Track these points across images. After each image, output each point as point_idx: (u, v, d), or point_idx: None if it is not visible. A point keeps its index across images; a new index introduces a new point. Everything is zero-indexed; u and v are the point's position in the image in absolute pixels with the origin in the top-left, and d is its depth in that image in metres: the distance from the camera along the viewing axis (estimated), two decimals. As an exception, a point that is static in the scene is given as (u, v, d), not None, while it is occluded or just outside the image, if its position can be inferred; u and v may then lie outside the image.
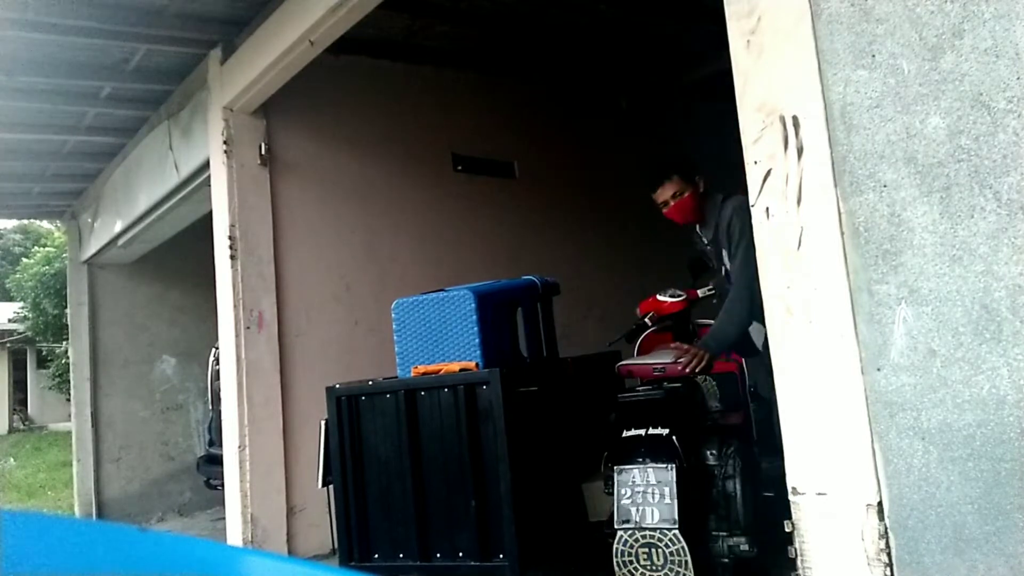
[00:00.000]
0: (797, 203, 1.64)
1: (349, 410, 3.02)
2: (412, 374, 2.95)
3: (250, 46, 4.11)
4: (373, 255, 4.76)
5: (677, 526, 2.42)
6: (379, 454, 2.93)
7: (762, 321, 2.77)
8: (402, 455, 2.84)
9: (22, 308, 15.48)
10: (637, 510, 2.53)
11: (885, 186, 1.48)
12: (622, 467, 2.60)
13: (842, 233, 1.55)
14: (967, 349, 1.37)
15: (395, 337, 3.04)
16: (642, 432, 2.69)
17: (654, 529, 2.46)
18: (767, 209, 1.70)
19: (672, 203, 3.03)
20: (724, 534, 2.63)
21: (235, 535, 4.16)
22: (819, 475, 1.60)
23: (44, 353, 16.64)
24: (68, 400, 9.06)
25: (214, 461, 5.07)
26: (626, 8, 4.84)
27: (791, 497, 1.65)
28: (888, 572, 1.47)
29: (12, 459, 12.78)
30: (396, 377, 3.05)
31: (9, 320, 17.66)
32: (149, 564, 0.78)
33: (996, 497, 1.33)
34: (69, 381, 7.63)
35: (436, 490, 2.79)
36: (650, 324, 3.29)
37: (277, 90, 4.21)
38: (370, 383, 3.10)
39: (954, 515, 1.39)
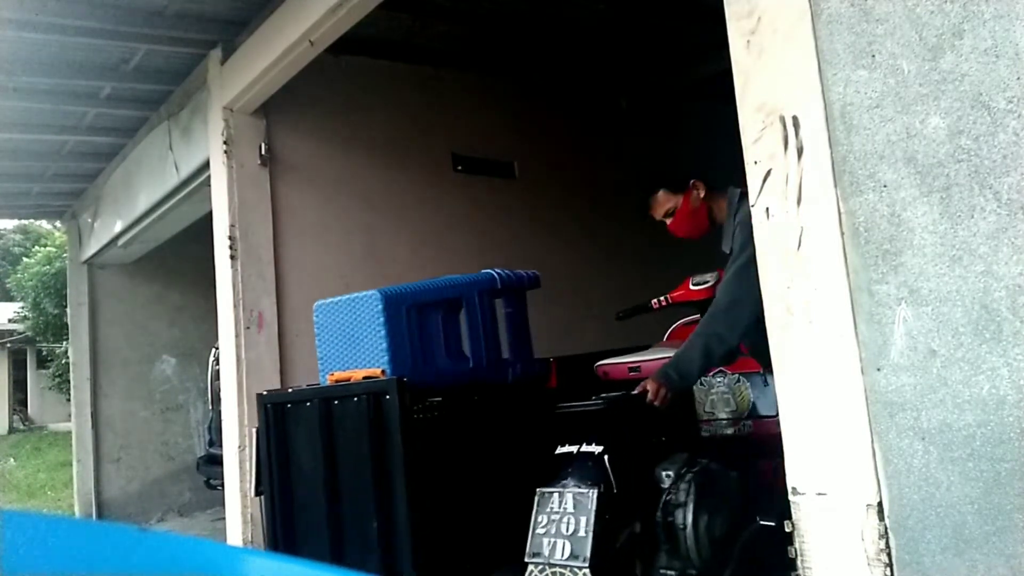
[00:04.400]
0: (797, 203, 1.64)
1: (276, 418, 2.78)
2: (328, 381, 2.70)
3: (250, 46, 4.11)
4: (373, 255, 4.76)
5: (587, 564, 2.11)
6: (302, 466, 2.71)
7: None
8: (318, 468, 2.60)
9: (22, 308, 15.47)
10: (549, 542, 2.22)
11: (885, 186, 1.48)
12: (544, 490, 2.31)
13: (842, 233, 1.55)
14: (967, 349, 1.37)
15: (316, 341, 2.82)
16: (574, 449, 2.41)
17: (563, 566, 2.16)
18: (767, 209, 1.70)
19: (669, 221, 2.80)
20: (673, 573, 2.31)
21: (235, 535, 4.16)
22: (819, 475, 1.60)
23: (44, 353, 16.64)
24: (68, 400, 9.06)
25: (214, 461, 5.08)
26: (626, 8, 4.84)
27: (791, 497, 1.65)
28: (888, 572, 1.47)
29: (12, 459, 12.79)
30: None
31: (9, 320, 17.66)
32: (149, 564, 0.78)
33: (996, 497, 1.33)
34: (69, 381, 7.63)
35: (349, 507, 2.55)
36: (654, 307, 3.12)
37: (277, 90, 4.21)
38: (290, 390, 2.92)
39: (954, 515, 1.39)
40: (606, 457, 2.30)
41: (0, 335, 19.36)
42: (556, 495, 2.28)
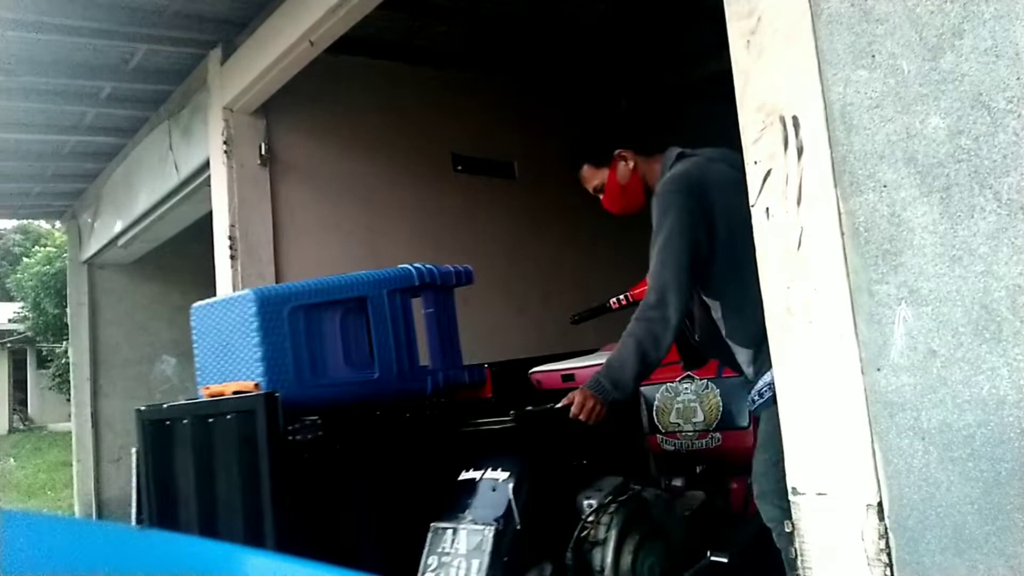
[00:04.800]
0: (797, 203, 1.64)
1: (155, 438, 2.42)
2: (203, 395, 2.34)
3: (250, 46, 4.11)
4: (373, 255, 4.75)
5: None
6: (180, 492, 2.33)
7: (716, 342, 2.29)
8: (191, 497, 2.26)
9: (22, 308, 15.48)
10: None
11: (885, 186, 1.48)
12: (438, 525, 2.02)
13: (842, 233, 1.55)
14: (967, 349, 1.37)
15: (193, 349, 2.45)
16: (477, 475, 2.10)
17: None
18: (767, 209, 1.70)
19: (601, 197, 2.44)
20: None
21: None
22: (819, 475, 1.60)
23: (44, 353, 16.64)
24: (68, 400, 9.06)
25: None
26: (626, 8, 4.84)
27: (791, 497, 1.65)
28: (888, 572, 1.47)
29: (12, 459, 12.79)
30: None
31: (9, 320, 17.66)
32: (149, 564, 0.78)
33: (996, 497, 1.33)
34: (69, 381, 7.63)
35: (224, 539, 2.14)
36: (613, 306, 2.88)
37: (277, 90, 4.21)
38: (164, 406, 2.53)
39: (954, 515, 1.39)
40: (510, 486, 1.97)
41: (0, 335, 19.36)
42: (450, 532, 1.97)
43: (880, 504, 1.49)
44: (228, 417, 2.14)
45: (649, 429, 2.72)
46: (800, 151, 1.63)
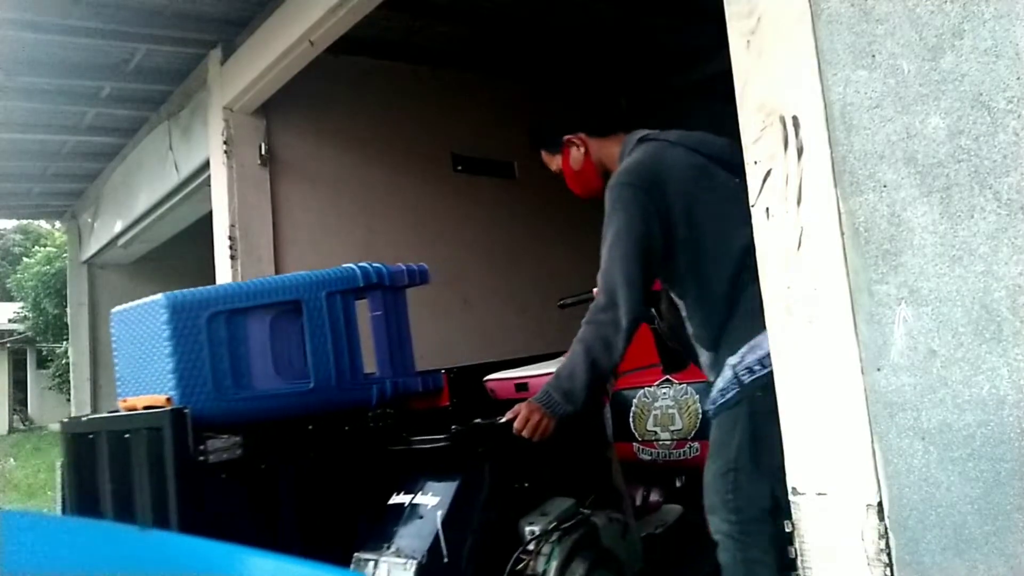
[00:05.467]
0: (797, 203, 1.63)
1: (79, 452, 2.24)
2: (120, 408, 2.19)
3: (250, 46, 4.11)
4: (373, 255, 4.73)
5: None
6: (101, 512, 2.15)
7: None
8: (110, 516, 2.11)
9: (22, 308, 15.48)
10: None
11: (885, 186, 1.48)
12: (362, 556, 1.84)
13: (842, 233, 1.55)
14: (967, 349, 1.37)
15: (113, 358, 2.29)
16: (406, 500, 1.92)
17: None
18: (767, 209, 1.70)
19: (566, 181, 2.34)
20: None
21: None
22: (819, 475, 1.60)
23: (44, 353, 16.65)
24: (68, 400, 9.06)
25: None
26: (626, 8, 4.84)
27: (791, 497, 1.65)
28: (888, 572, 1.47)
29: (12, 459, 12.78)
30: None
31: (9, 320, 17.66)
32: (149, 564, 0.78)
33: (996, 497, 1.33)
34: (69, 381, 7.63)
35: None
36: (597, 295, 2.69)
37: (277, 90, 4.21)
38: (84, 418, 2.38)
39: (954, 515, 1.39)
40: (439, 513, 1.80)
41: (0, 335, 19.36)
42: (371, 564, 1.79)
43: (880, 504, 1.49)
44: (140, 434, 1.96)
45: (625, 437, 2.54)
46: (800, 151, 1.63)
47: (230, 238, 4.27)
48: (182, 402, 1.93)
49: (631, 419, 2.55)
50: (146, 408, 1.99)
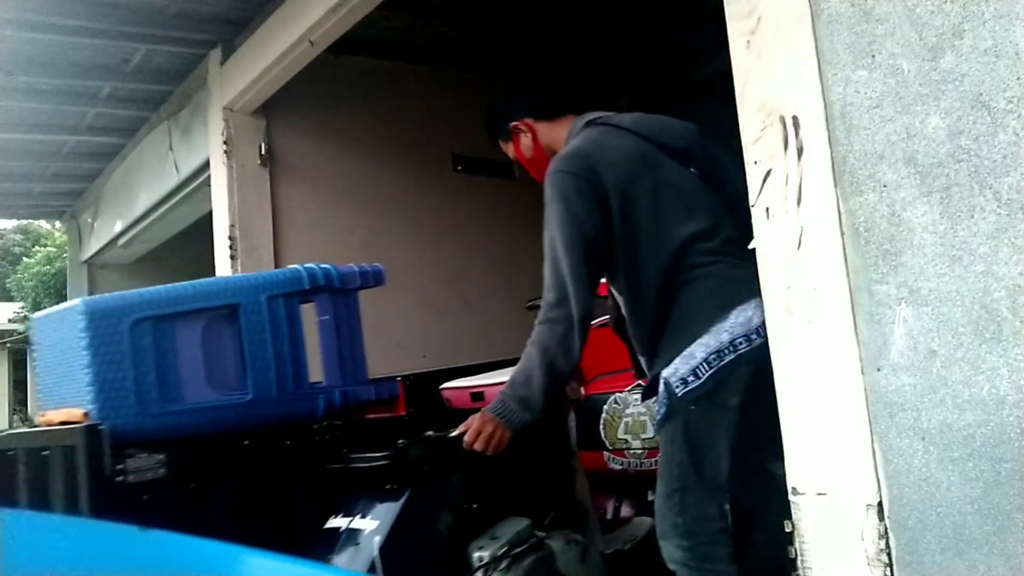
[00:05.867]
0: (797, 203, 1.63)
1: (3, 469, 2.06)
2: (38, 422, 2.05)
3: (250, 46, 4.11)
4: (373, 255, 4.73)
5: None
6: None
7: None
8: None
9: (22, 308, 15.48)
10: None
11: (885, 186, 1.48)
12: None
13: (842, 233, 1.55)
14: (967, 349, 1.37)
15: (35, 368, 2.17)
16: (343, 524, 1.78)
17: None
18: (767, 209, 1.70)
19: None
20: None
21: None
22: (819, 475, 1.60)
23: (44, 353, 16.60)
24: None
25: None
26: (625, 8, 4.84)
27: (791, 497, 1.65)
28: (888, 572, 1.47)
29: (12, 459, 12.76)
30: None
31: (9, 320, 17.65)
32: (149, 564, 0.78)
33: (996, 497, 1.33)
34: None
35: None
36: None
37: (277, 90, 4.21)
38: (5, 432, 2.08)
39: (954, 515, 1.39)
40: (377, 539, 1.66)
41: (0, 335, 19.35)
42: None
43: (880, 504, 1.49)
44: (56, 451, 1.81)
45: (594, 445, 2.41)
46: (800, 151, 1.63)
47: (230, 238, 4.27)
48: (100, 417, 1.76)
49: (601, 426, 2.42)
50: (62, 424, 1.83)
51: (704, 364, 1.74)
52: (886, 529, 1.48)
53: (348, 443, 2.02)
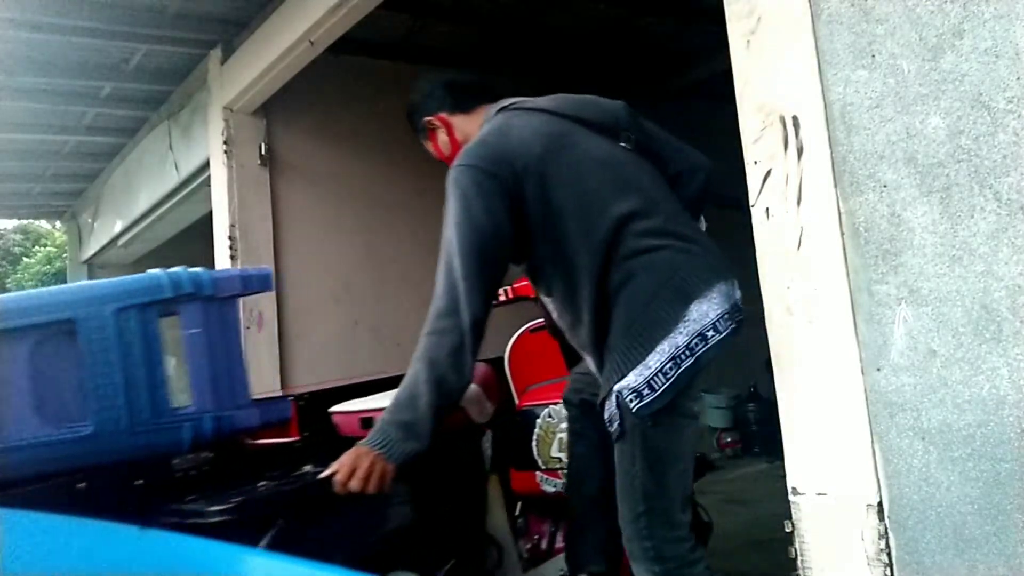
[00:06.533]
0: (797, 203, 1.64)
1: None
2: None
3: (250, 46, 4.11)
4: (373, 255, 4.75)
5: None
6: None
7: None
8: None
9: (22, 308, 15.43)
10: None
11: (885, 186, 1.48)
12: None
13: (842, 233, 1.55)
14: (967, 349, 1.37)
15: None
16: None
17: None
18: (767, 209, 1.70)
19: None
20: None
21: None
22: (819, 475, 1.60)
23: (44, 353, 16.59)
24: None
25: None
26: (625, 8, 4.84)
27: (791, 497, 1.65)
28: (888, 572, 1.47)
29: (12, 459, 12.75)
30: None
31: (9, 320, 17.61)
32: (149, 564, 0.78)
33: (996, 497, 1.33)
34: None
35: None
36: (500, 299, 2.27)
37: (277, 90, 4.21)
38: None
39: (954, 515, 1.39)
40: None
41: (0, 335, 19.30)
42: None
43: (880, 504, 1.49)
44: None
45: (527, 464, 2.14)
46: (800, 151, 1.63)
47: (230, 238, 4.27)
48: None
49: (534, 443, 2.11)
50: None
51: (660, 375, 1.53)
52: (886, 529, 1.48)
53: (218, 479, 1.68)
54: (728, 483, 5.10)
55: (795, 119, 1.64)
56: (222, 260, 4.32)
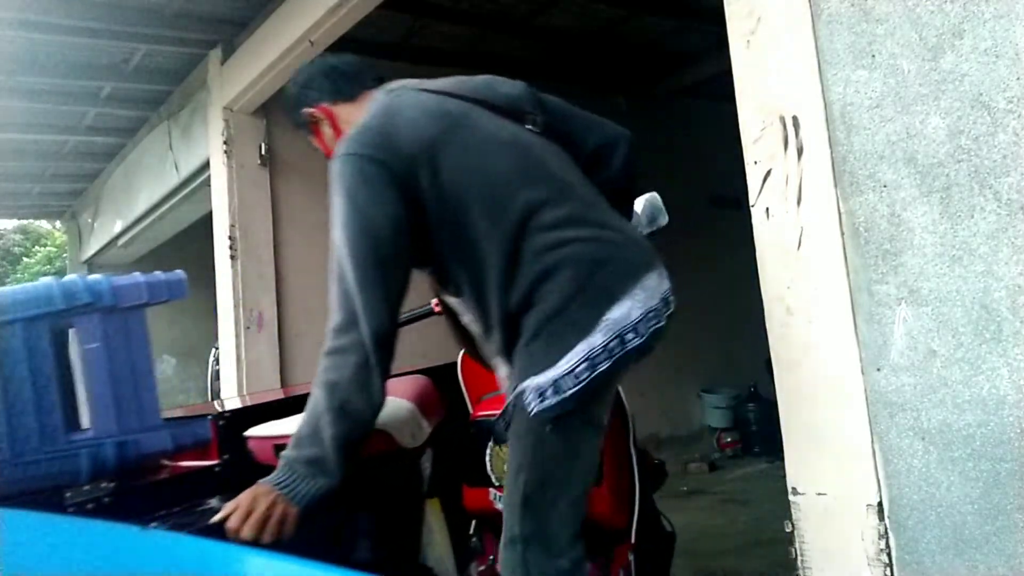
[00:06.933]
0: (797, 203, 1.64)
1: None
2: None
3: (250, 46, 4.11)
4: (373, 255, 4.75)
5: None
6: None
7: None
8: None
9: (22, 308, 15.43)
10: None
11: (885, 186, 1.48)
12: None
13: (842, 233, 1.55)
14: (967, 349, 1.37)
15: None
16: None
17: None
18: (767, 209, 1.70)
19: None
20: None
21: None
22: (819, 475, 1.60)
23: (44, 353, 16.59)
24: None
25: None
26: (625, 8, 4.84)
27: (791, 497, 1.65)
28: (888, 572, 1.47)
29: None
30: None
31: (9, 320, 17.63)
32: (149, 564, 0.78)
33: (996, 497, 1.33)
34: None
35: None
36: (436, 309, 2.11)
37: (277, 90, 4.21)
38: None
39: (954, 515, 1.39)
40: None
41: None
42: None
43: (880, 504, 1.49)
44: None
45: (480, 481, 1.97)
46: (800, 151, 1.63)
47: (230, 238, 4.27)
48: None
49: (487, 458, 1.94)
50: None
51: (570, 376, 1.32)
52: (886, 529, 1.48)
53: (117, 513, 1.52)
54: (728, 483, 5.10)
55: (795, 119, 1.64)
56: (222, 260, 4.32)
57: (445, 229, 1.47)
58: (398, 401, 1.67)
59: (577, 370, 1.32)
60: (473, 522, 2.03)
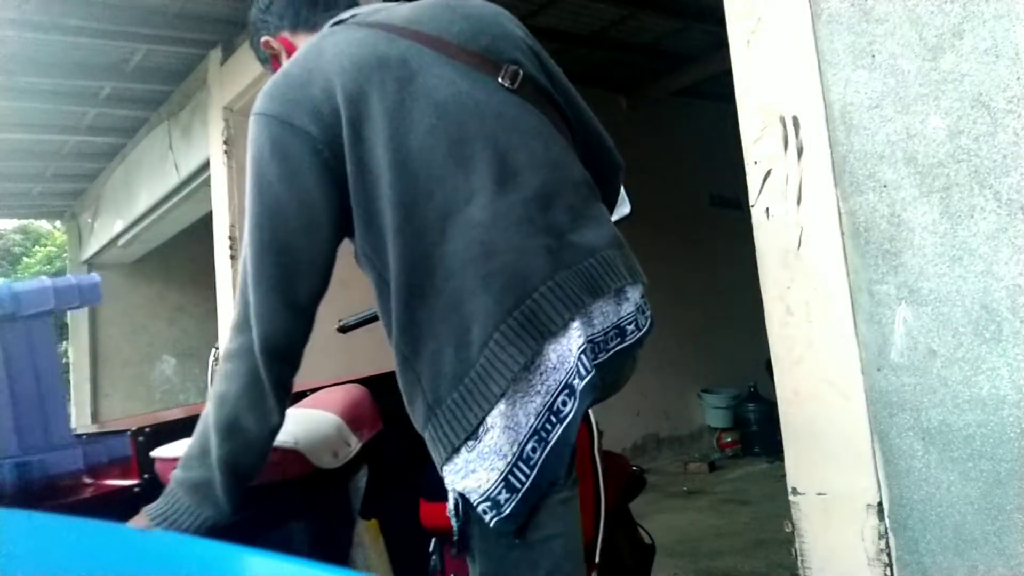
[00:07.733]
0: (797, 203, 1.64)
1: None
2: None
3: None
4: (373, 255, 4.75)
5: None
6: None
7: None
8: None
9: (22, 308, 15.43)
10: None
11: (885, 186, 1.48)
12: None
13: (842, 233, 1.55)
14: (967, 349, 1.37)
15: None
16: None
17: None
18: (767, 209, 1.70)
19: None
20: None
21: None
22: (819, 475, 1.60)
23: (44, 353, 16.59)
24: (68, 400, 9.07)
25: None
26: (625, 8, 4.84)
27: (791, 497, 1.65)
28: (888, 572, 1.47)
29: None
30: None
31: (9, 320, 17.62)
32: (149, 564, 0.78)
33: (996, 497, 1.33)
34: (69, 381, 7.63)
35: None
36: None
37: (277, 90, 4.21)
38: None
39: (954, 515, 1.39)
40: None
41: None
42: None
43: (880, 504, 1.49)
44: None
45: (439, 495, 1.44)
46: (800, 151, 1.63)
47: (230, 238, 4.27)
48: None
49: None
50: None
51: (521, 466, 1.01)
52: (886, 529, 1.48)
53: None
54: (728, 483, 5.10)
55: (795, 119, 1.64)
56: (222, 260, 4.32)
57: (360, 217, 1.15)
58: (322, 415, 1.52)
59: (526, 452, 1.01)
60: (432, 540, 1.82)
